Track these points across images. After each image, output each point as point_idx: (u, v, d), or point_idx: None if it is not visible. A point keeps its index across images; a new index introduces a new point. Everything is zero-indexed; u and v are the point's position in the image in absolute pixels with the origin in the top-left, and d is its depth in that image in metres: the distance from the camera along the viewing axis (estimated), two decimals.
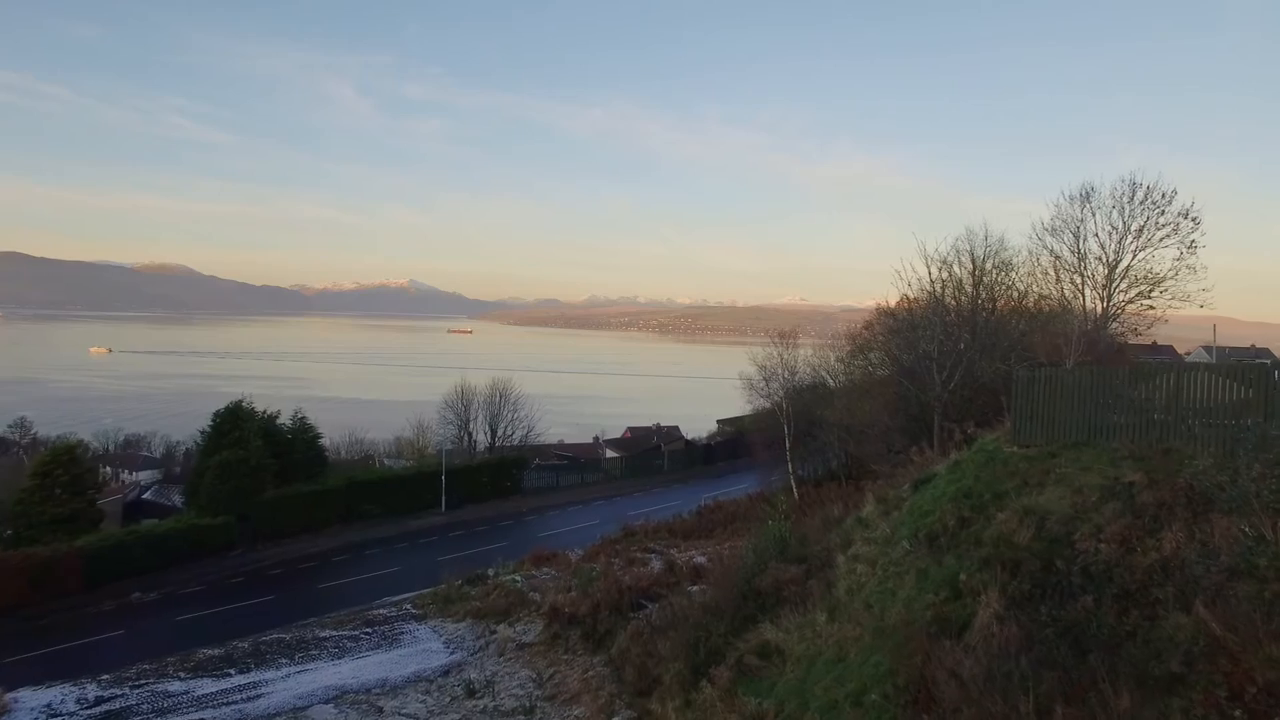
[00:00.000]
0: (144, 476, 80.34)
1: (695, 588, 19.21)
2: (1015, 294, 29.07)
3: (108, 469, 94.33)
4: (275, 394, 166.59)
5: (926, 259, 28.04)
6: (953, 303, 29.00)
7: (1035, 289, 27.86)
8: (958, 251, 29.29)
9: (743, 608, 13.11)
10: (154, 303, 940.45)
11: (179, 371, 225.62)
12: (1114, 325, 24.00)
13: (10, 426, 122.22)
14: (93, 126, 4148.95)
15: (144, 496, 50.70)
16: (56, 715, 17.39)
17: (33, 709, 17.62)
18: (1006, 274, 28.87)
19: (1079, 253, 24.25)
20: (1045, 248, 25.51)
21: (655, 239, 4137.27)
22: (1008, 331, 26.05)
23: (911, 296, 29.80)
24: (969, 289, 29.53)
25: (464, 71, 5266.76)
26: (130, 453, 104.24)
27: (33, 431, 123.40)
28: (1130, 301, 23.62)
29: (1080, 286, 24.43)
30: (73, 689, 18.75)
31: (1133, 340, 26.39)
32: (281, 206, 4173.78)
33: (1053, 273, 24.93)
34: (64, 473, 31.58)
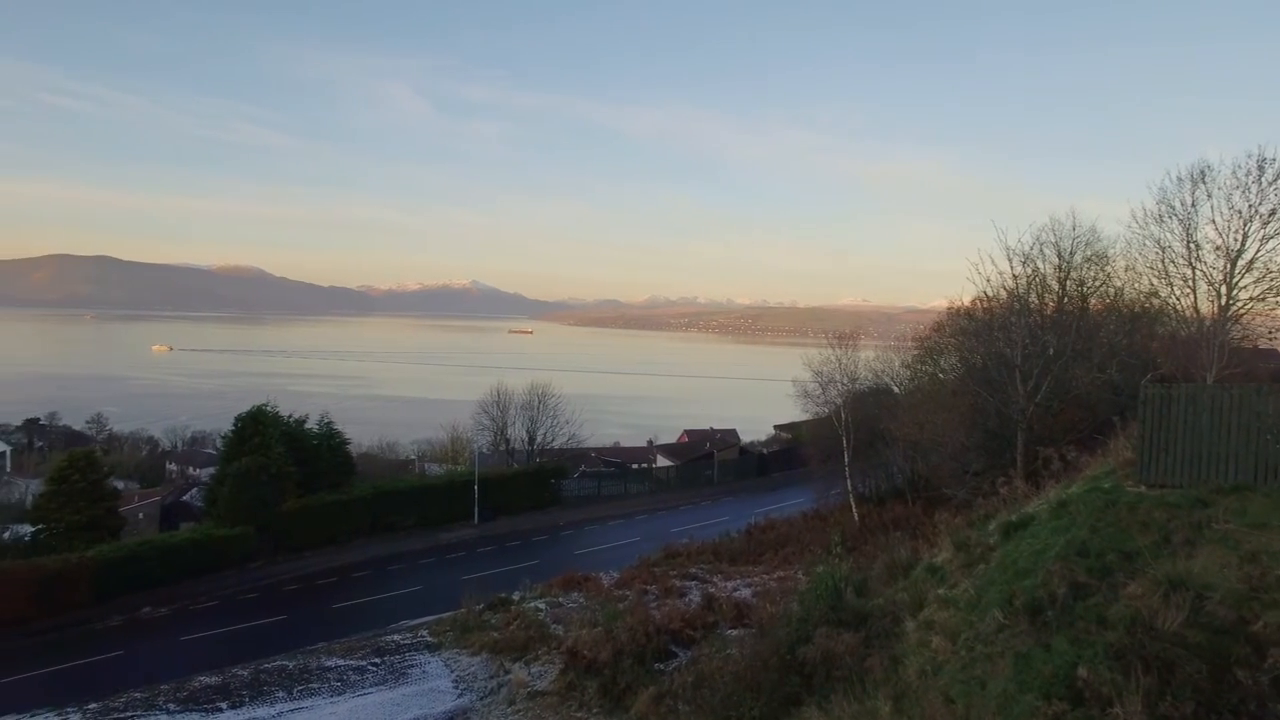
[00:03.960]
0: (206, 474, 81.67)
1: (735, 631, 16.65)
2: (1111, 291, 25.46)
3: (173, 465, 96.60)
4: (339, 392, 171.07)
5: (1008, 252, 24.70)
6: (1036, 301, 25.61)
7: (1137, 285, 24.26)
8: (1040, 245, 25.87)
9: (784, 683, 10.46)
10: (228, 303, 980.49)
11: (245, 369, 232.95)
12: (1234, 328, 20.34)
13: (88, 422, 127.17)
14: (167, 134, 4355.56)
15: (183, 499, 50.27)
16: None
17: None
18: (1101, 268, 25.29)
19: (1192, 243, 20.65)
20: (1149, 237, 21.94)
21: (715, 240, 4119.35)
22: (1105, 334, 22.60)
23: (989, 295, 26.46)
24: (1055, 286, 26.08)
25: (524, 74, 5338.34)
26: (195, 449, 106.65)
27: (109, 427, 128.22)
28: (1258, 299, 19.89)
29: (1192, 282, 20.81)
30: (55, 719, 17.39)
31: (1263, 346, 22.55)
32: (346, 209, 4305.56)
33: (1159, 266, 21.32)
34: (81, 478, 30.63)
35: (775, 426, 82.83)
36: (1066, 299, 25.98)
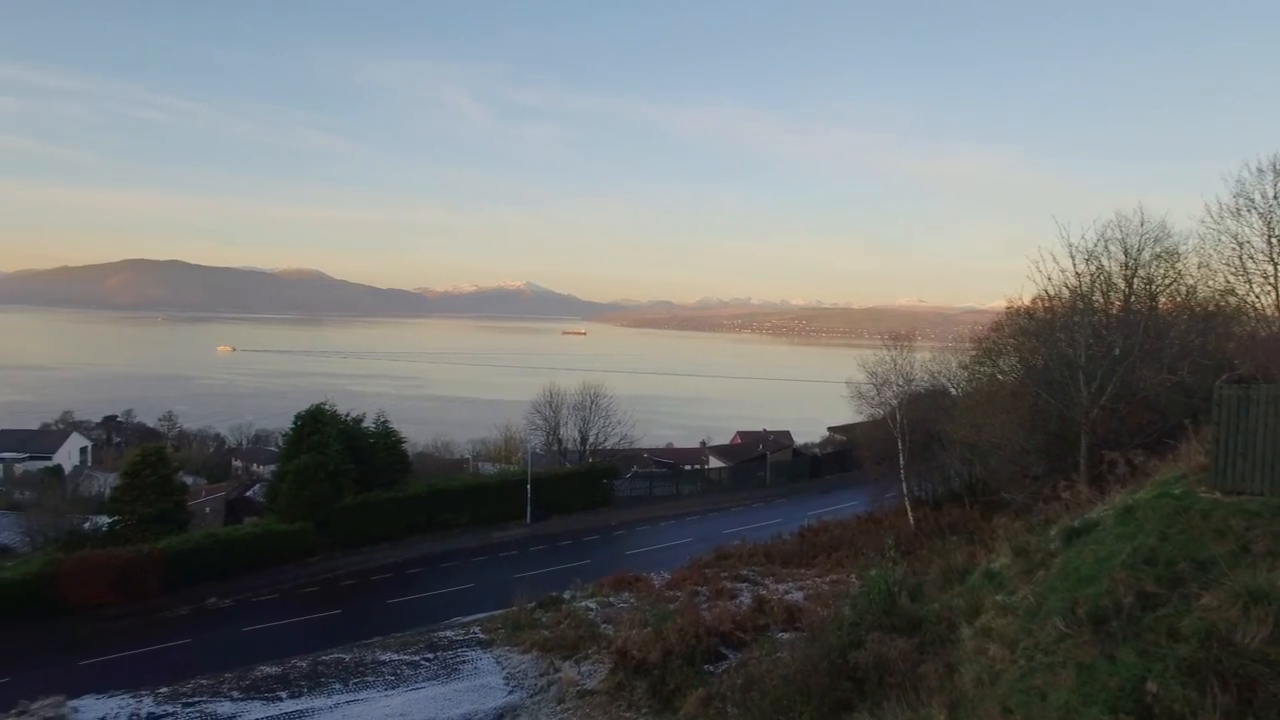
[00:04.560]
0: (269, 470, 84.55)
1: (786, 634, 16.43)
2: (1183, 289, 24.32)
3: (238, 462, 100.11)
4: (396, 392, 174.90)
5: (1070, 249, 23.80)
6: (1101, 300, 24.63)
7: (1211, 283, 23.12)
8: (1106, 241, 24.84)
9: (835, 688, 10.25)
10: (290, 305, 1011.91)
11: (306, 370, 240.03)
12: None
13: (160, 420, 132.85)
14: (232, 141, 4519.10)
15: (247, 494, 51.95)
16: None
17: None
18: (1171, 265, 24.18)
19: (1273, 237, 19.61)
20: (1225, 232, 20.90)
21: (768, 240, 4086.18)
22: (1176, 334, 21.59)
23: (1050, 294, 25.56)
24: (1120, 284, 25.05)
25: (575, 76, 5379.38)
26: (258, 447, 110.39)
27: (179, 425, 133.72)
28: None
29: (1274, 278, 19.76)
30: (130, 701, 18.14)
31: None
32: (403, 212, 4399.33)
33: (1236, 262, 20.29)
34: (153, 473, 31.92)
35: (829, 428, 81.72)
36: (1133, 297, 24.93)
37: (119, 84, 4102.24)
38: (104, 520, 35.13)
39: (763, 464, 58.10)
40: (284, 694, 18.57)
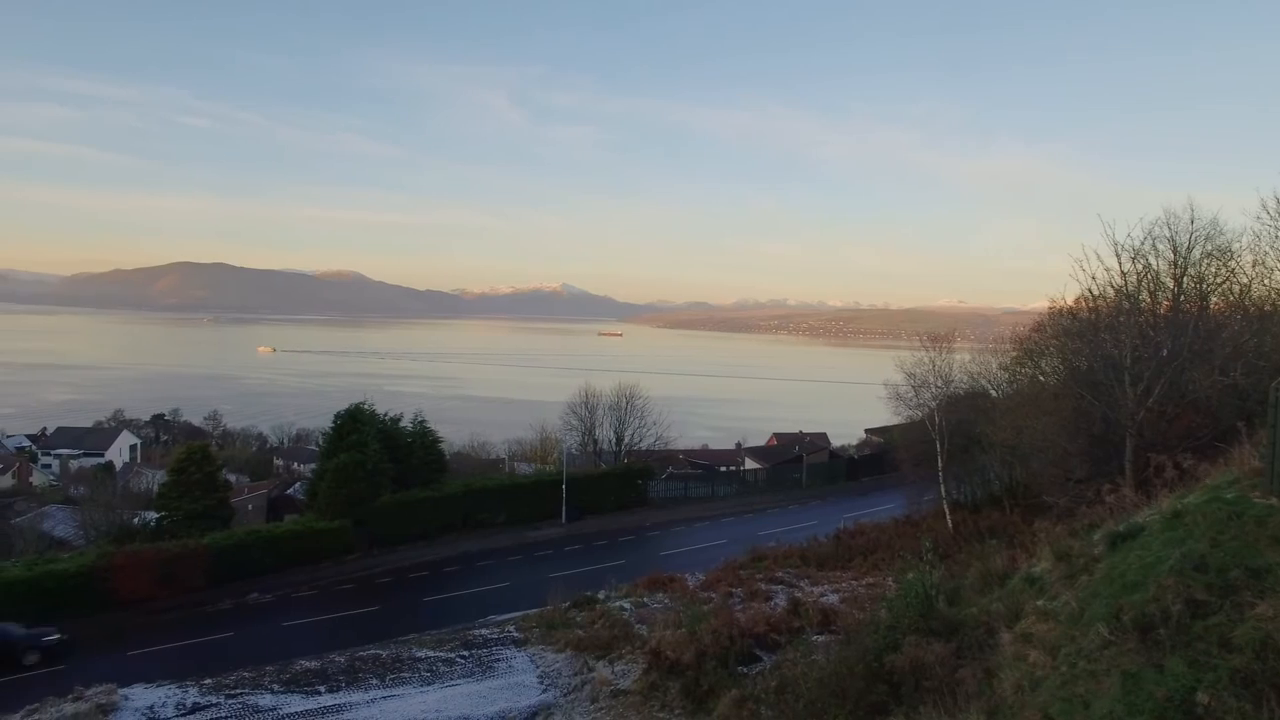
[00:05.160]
0: (309, 469, 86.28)
1: (821, 637, 16.24)
2: (1236, 288, 23.52)
3: (280, 461, 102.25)
4: (434, 392, 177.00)
5: (1116, 247, 23.16)
6: (1148, 300, 23.94)
7: (1267, 281, 22.32)
8: (1153, 239, 24.10)
9: (870, 691, 10.12)
10: (330, 306, 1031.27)
11: (345, 370, 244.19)
12: None
13: (206, 419, 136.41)
14: (278, 146, 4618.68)
15: (288, 492, 52.98)
16: None
17: (136, 709, 17.65)
18: (1224, 263, 23.39)
19: None
20: None
21: (805, 241, 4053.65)
22: (1229, 335, 20.89)
23: (1095, 293, 24.90)
24: (1169, 283, 24.30)
25: (611, 78, 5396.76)
26: (299, 446, 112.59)
27: (223, 423, 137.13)
28: None
29: None
30: (177, 691, 18.64)
31: None
32: (440, 214, 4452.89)
33: None
34: (198, 470, 32.71)
35: (866, 430, 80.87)
36: (1183, 297, 24.19)
37: (167, 90, 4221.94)
38: (151, 516, 36.09)
39: (798, 466, 57.62)
40: (322, 688, 18.91)
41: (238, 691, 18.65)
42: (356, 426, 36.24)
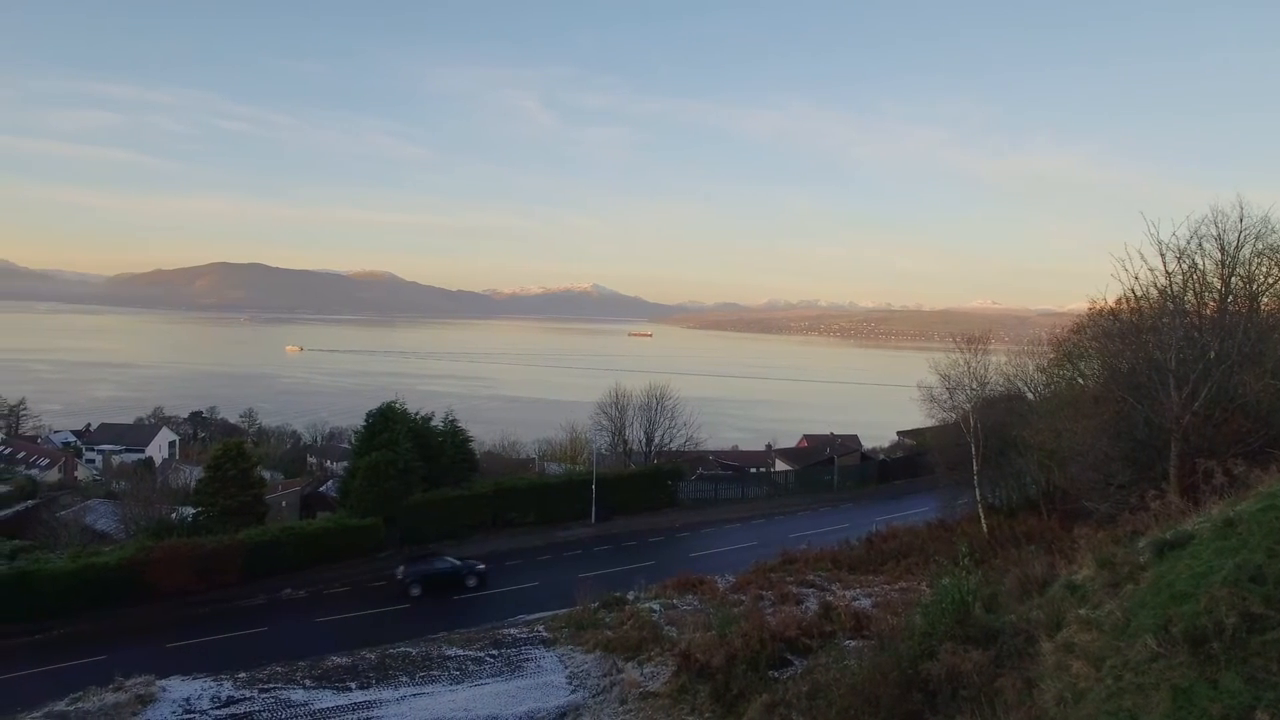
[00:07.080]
0: (341, 467, 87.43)
1: (854, 642, 15.99)
2: None
3: (313, 458, 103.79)
4: (466, 392, 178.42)
5: (1160, 247, 22.52)
6: (1194, 301, 23.25)
7: None
8: (1199, 238, 23.37)
9: (905, 699, 9.92)
10: (363, 306, 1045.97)
11: (378, 369, 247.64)
12: None
13: (241, 416, 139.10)
14: (312, 148, 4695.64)
15: (320, 490, 53.65)
16: (191, 712, 17.63)
17: (174, 701, 18.02)
18: (1275, 263, 22.63)
19: None
20: None
21: (836, 241, 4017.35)
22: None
23: (1137, 294, 24.23)
24: (1216, 283, 23.58)
25: (642, 79, 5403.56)
26: (333, 444, 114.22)
27: (259, 421, 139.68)
28: None
29: None
30: (212, 684, 18.98)
31: None
32: (471, 215, 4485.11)
33: None
34: (233, 467, 33.23)
35: (898, 432, 79.78)
36: (1231, 298, 23.47)
37: (204, 94, 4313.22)
38: (189, 511, 36.79)
39: (830, 468, 57.04)
40: (353, 684, 19.12)
41: (271, 686, 18.93)
42: (388, 425, 36.55)
